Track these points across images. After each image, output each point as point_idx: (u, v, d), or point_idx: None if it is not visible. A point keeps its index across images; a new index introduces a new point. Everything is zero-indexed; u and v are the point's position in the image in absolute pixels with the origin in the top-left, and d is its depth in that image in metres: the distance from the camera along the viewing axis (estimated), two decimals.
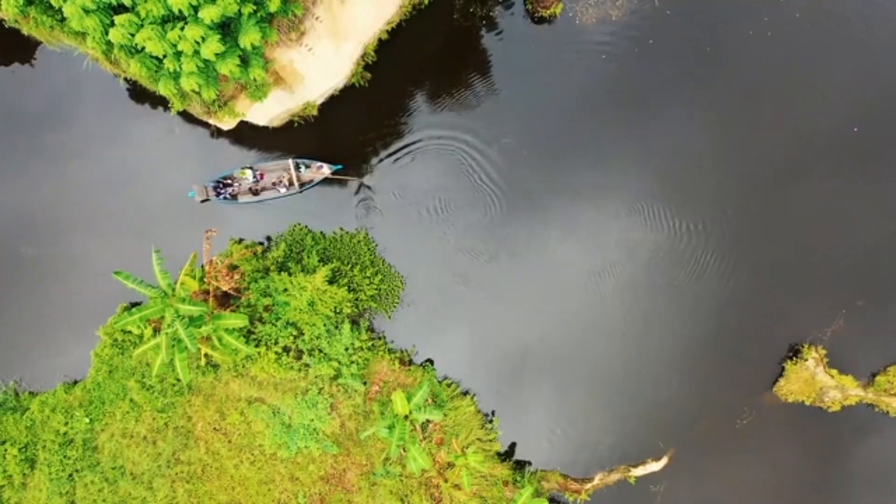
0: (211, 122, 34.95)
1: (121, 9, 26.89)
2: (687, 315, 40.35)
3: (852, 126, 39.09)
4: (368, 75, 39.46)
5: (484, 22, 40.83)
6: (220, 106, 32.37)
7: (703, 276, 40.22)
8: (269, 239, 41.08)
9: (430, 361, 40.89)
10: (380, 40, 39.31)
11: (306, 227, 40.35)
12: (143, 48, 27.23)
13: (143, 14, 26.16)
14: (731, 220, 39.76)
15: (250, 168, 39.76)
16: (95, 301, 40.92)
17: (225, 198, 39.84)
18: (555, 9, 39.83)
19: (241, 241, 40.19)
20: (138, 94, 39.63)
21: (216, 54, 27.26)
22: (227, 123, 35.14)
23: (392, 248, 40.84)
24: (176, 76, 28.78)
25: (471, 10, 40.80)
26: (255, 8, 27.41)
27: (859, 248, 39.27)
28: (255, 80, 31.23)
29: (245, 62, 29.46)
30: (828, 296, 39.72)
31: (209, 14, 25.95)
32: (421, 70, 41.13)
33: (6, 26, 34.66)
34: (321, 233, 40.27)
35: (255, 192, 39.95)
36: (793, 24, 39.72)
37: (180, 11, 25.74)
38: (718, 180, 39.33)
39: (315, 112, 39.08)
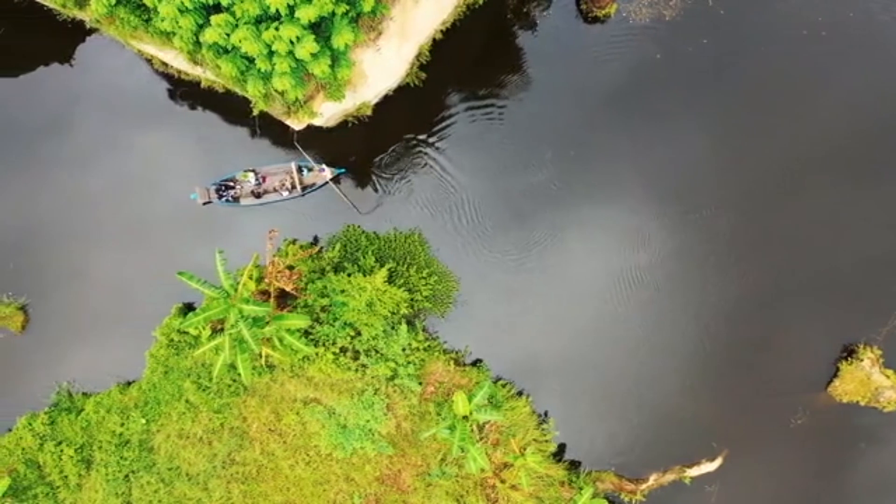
0: (288, 122, 34.89)
1: (215, 9, 26.84)
2: (740, 316, 40.29)
3: None
4: (423, 75, 39.47)
5: (537, 22, 40.82)
6: (299, 106, 32.32)
7: (756, 277, 40.20)
8: (316, 239, 41.02)
9: (479, 361, 40.81)
10: (434, 40, 39.34)
11: (360, 226, 40.27)
12: (235, 48, 27.14)
13: (238, 14, 26.10)
14: (785, 221, 39.76)
15: (252, 171, 39.81)
16: (142, 302, 40.89)
17: (227, 200, 39.91)
18: (609, 8, 39.83)
19: (294, 241, 40.13)
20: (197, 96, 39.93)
21: (311, 54, 27.18)
22: (298, 124, 35.10)
23: (444, 249, 40.79)
24: (265, 76, 28.70)
25: (524, 9, 40.81)
26: (347, 8, 27.35)
27: None
28: (339, 80, 31.16)
29: (334, 62, 29.41)
30: (882, 296, 39.73)
31: (306, 14, 25.88)
32: (473, 70, 41.15)
33: (88, 27, 34.93)
34: (374, 233, 40.21)
35: (258, 195, 40.02)
36: (847, 23, 39.73)
37: (277, 11, 25.66)
38: (776, 181, 39.31)
39: (369, 112, 39.05)
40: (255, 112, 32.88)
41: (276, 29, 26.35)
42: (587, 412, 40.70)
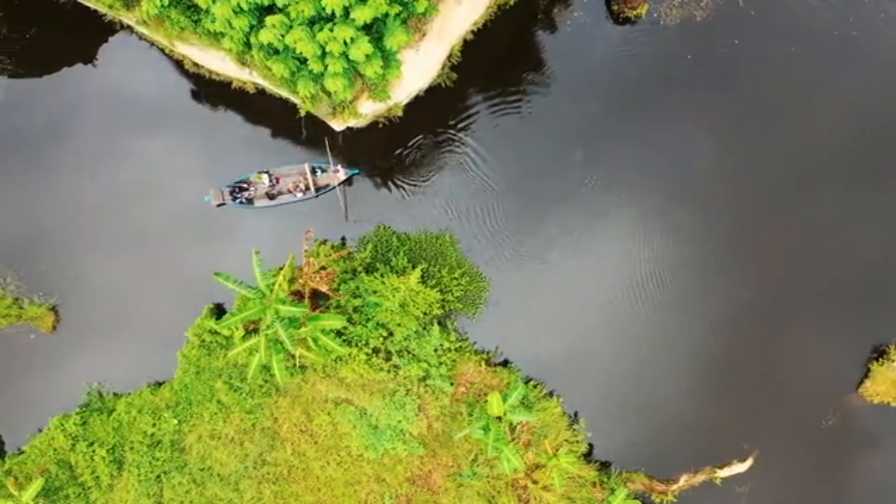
0: (331, 123, 34.88)
1: (268, 10, 26.82)
2: (770, 317, 40.31)
3: None
4: (454, 75, 39.46)
5: (567, 23, 40.80)
6: (345, 107, 32.32)
7: (786, 277, 40.22)
8: (343, 240, 41.00)
9: (507, 362, 40.79)
10: (464, 41, 39.35)
11: (390, 227, 40.27)
12: (287, 49, 27.11)
13: (293, 15, 26.09)
14: (817, 221, 39.81)
15: (266, 172, 39.81)
16: (170, 303, 40.88)
17: (241, 202, 39.91)
18: (640, 9, 39.83)
19: (325, 241, 40.11)
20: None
21: (366, 55, 27.17)
22: (342, 124, 35.11)
23: (473, 250, 40.77)
24: (316, 77, 28.67)
25: (554, 10, 40.80)
26: (400, 9, 27.35)
27: None
28: (387, 80, 31.17)
29: (385, 63, 29.42)
30: None
31: (362, 15, 25.86)
32: (503, 70, 41.18)
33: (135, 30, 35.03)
34: (405, 233, 40.21)
35: (272, 197, 40.01)
36: (878, 24, 39.73)
37: (332, 12, 25.63)
38: (811, 180, 39.30)
39: (400, 112, 39.05)
40: (302, 113, 32.84)
41: (331, 30, 26.30)
42: (616, 413, 40.65)
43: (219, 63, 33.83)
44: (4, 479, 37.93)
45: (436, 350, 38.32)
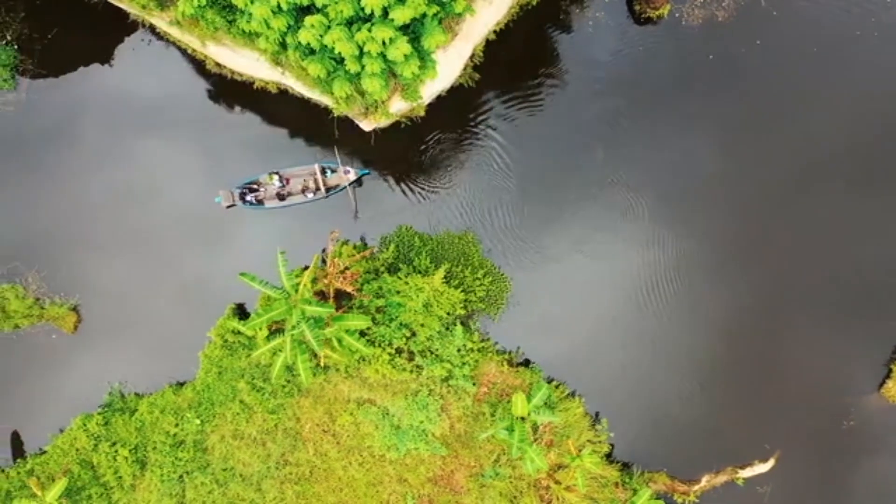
0: (362, 124, 34.86)
1: (306, 10, 26.78)
2: (790, 317, 40.26)
3: None
4: (477, 75, 39.45)
5: (589, 23, 40.78)
6: (377, 107, 32.31)
7: (805, 277, 40.19)
8: (362, 240, 41.00)
9: (527, 362, 40.78)
10: (486, 41, 39.33)
11: (412, 227, 40.26)
12: (324, 49, 27.05)
13: (332, 15, 26.04)
14: (839, 220, 39.79)
15: (277, 173, 39.75)
16: (191, 303, 40.90)
17: (251, 203, 39.86)
18: (663, 10, 39.79)
19: (346, 242, 40.08)
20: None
21: (404, 55, 27.15)
22: (370, 125, 35.09)
23: (494, 250, 40.76)
24: (352, 78, 28.64)
25: (576, 10, 40.77)
26: (438, 9, 27.33)
27: None
28: (422, 81, 31.18)
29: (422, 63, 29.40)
30: None
31: (401, 15, 25.83)
32: (524, 70, 41.17)
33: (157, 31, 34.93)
34: (427, 234, 40.20)
35: (282, 197, 39.96)
36: None
37: (371, 12, 25.59)
38: (844, 183, 39.34)
39: (422, 112, 39.01)
40: (336, 114, 32.82)
41: (369, 30, 26.26)
42: (637, 413, 40.59)
43: (248, 63, 33.76)
44: (27, 479, 37.92)
45: (459, 350, 38.31)
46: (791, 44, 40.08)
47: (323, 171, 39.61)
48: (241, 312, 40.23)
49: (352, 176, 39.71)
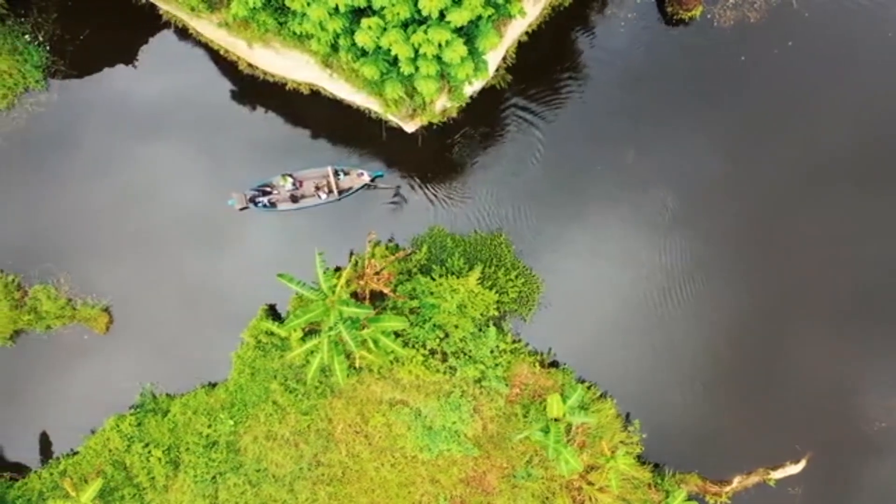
0: (407, 126, 34.90)
1: (361, 12, 26.79)
2: (819, 320, 40.27)
3: None
4: (510, 77, 39.47)
5: (621, 24, 40.79)
6: (425, 108, 32.38)
7: (833, 279, 40.22)
8: (390, 240, 41.00)
9: (556, 363, 40.79)
10: (518, 42, 39.38)
11: (445, 228, 40.28)
12: (377, 51, 27.07)
13: (389, 17, 26.09)
14: (865, 223, 39.82)
15: (290, 175, 39.70)
16: (222, 304, 40.87)
17: (264, 205, 39.80)
18: (695, 11, 39.81)
19: (378, 243, 40.10)
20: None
21: (461, 57, 27.19)
22: (413, 126, 35.12)
23: (525, 251, 40.79)
24: (403, 79, 28.67)
25: (607, 11, 40.80)
26: (492, 11, 27.37)
27: None
28: (471, 81, 31.22)
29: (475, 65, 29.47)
30: None
31: (458, 17, 25.85)
32: (555, 71, 41.14)
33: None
34: (460, 235, 40.22)
35: (295, 200, 39.91)
36: None
37: (428, 14, 25.62)
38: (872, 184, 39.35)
39: (455, 113, 39.00)
40: (385, 115, 32.82)
41: (425, 32, 26.30)
42: (668, 413, 40.62)
43: (288, 65, 33.76)
44: (60, 480, 37.96)
45: (492, 351, 38.34)
46: (823, 45, 40.10)
47: (335, 173, 39.56)
48: (274, 313, 40.22)
49: (365, 178, 39.67)
